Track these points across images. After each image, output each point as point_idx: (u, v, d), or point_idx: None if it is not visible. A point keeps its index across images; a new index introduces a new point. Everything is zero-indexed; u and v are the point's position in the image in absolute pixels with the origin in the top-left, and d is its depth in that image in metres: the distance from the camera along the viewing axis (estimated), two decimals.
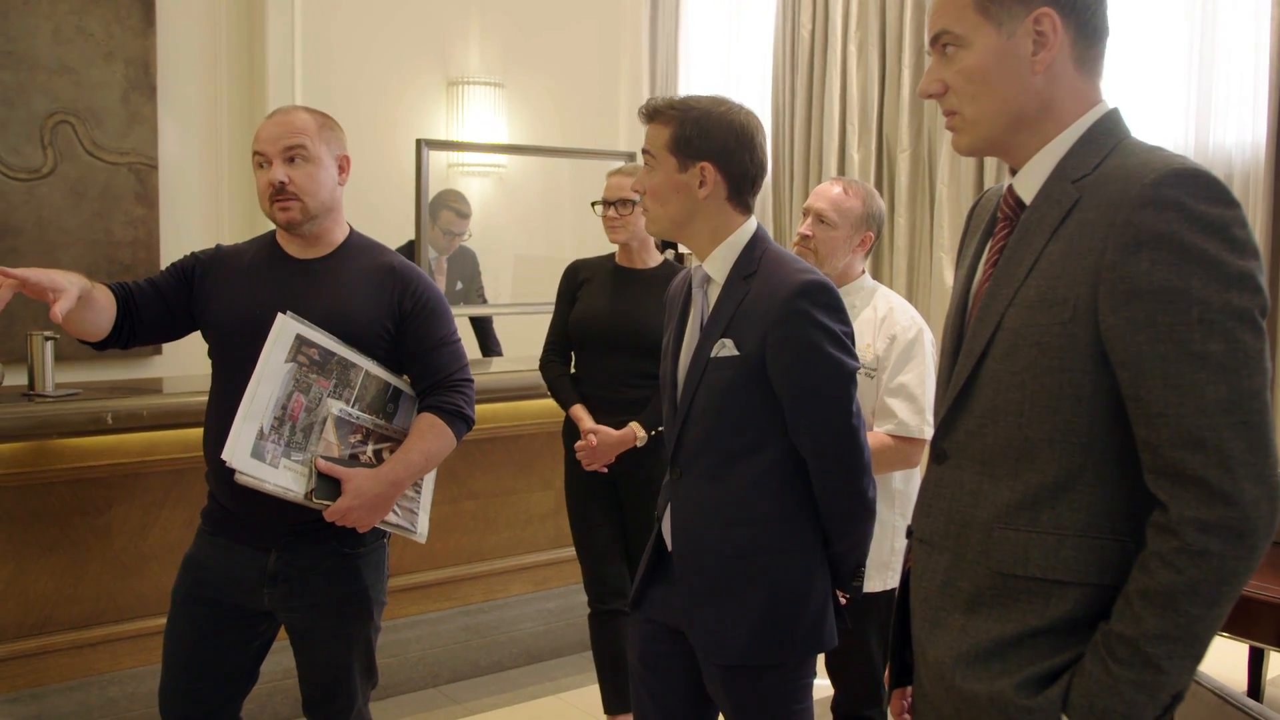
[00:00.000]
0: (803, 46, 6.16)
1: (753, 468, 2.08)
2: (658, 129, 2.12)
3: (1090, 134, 1.46)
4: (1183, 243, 1.30)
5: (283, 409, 2.24)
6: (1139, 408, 1.34)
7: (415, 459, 2.38)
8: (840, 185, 2.83)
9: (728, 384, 2.07)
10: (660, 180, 2.11)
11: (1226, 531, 1.28)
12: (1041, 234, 1.43)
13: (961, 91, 1.48)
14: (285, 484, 2.23)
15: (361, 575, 2.43)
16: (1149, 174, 1.33)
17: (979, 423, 1.48)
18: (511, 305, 5.37)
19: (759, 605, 2.07)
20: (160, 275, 2.45)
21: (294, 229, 2.38)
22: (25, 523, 3.21)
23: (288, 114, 2.40)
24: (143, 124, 4.94)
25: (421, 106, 5.75)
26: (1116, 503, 1.39)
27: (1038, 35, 1.44)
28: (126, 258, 4.91)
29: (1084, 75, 1.47)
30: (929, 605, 1.53)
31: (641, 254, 3.42)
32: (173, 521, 3.41)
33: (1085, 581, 1.39)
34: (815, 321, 2.02)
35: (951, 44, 1.48)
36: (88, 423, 3.20)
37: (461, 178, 5.75)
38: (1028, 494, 1.42)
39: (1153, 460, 1.33)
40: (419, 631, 3.95)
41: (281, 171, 2.32)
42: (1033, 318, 1.41)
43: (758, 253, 2.12)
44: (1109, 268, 1.34)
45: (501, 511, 4.16)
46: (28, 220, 4.69)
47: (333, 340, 2.32)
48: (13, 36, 4.62)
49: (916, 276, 5.38)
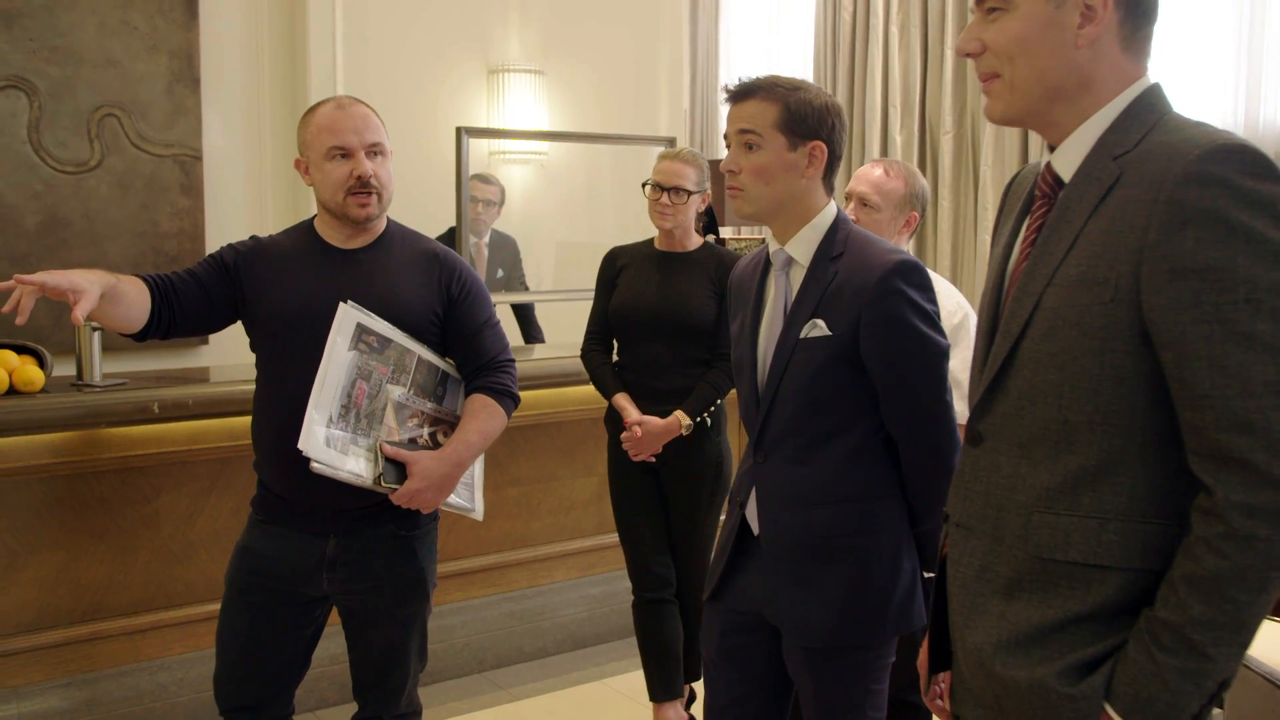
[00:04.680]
0: (844, 29, 6.11)
1: (840, 449, 2.09)
2: (761, 106, 2.07)
3: (1131, 109, 1.42)
4: (1229, 220, 1.26)
5: (348, 397, 2.29)
6: (1183, 389, 1.30)
7: (474, 438, 2.44)
8: (881, 167, 2.80)
9: (819, 365, 2.07)
10: (768, 159, 2.07)
11: (1274, 516, 1.25)
12: (1081, 212, 1.40)
13: (1000, 53, 1.45)
14: (357, 470, 2.28)
15: (418, 556, 2.48)
16: (1193, 150, 1.30)
17: (1016, 405, 1.45)
18: (554, 292, 5.37)
19: (847, 586, 2.07)
20: (199, 266, 2.47)
21: (369, 222, 2.42)
22: (75, 510, 3.26)
23: (358, 107, 2.42)
24: (187, 116, 4.99)
25: (462, 95, 5.76)
26: (1159, 486, 1.36)
27: (1086, 8, 1.40)
28: (172, 249, 4.96)
29: (1129, 55, 1.44)
30: (967, 591, 1.50)
31: (683, 239, 3.38)
32: (219, 509, 3.45)
33: (1128, 566, 1.36)
34: (910, 300, 2.04)
35: (997, 5, 1.44)
36: (134, 412, 3.24)
37: (503, 165, 5.76)
38: (1068, 477, 1.39)
39: (1197, 443, 1.30)
40: (464, 617, 3.97)
41: (368, 165, 2.36)
42: (1072, 298, 1.38)
43: (842, 234, 2.12)
44: (1152, 246, 1.30)
45: (545, 498, 4.17)
46: (76, 213, 4.75)
47: (389, 327, 2.37)
48: (60, 31, 4.67)
49: (961, 258, 5.32)
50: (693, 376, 3.28)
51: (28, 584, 3.20)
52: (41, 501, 3.21)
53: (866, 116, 5.93)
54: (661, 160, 3.35)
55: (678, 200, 3.29)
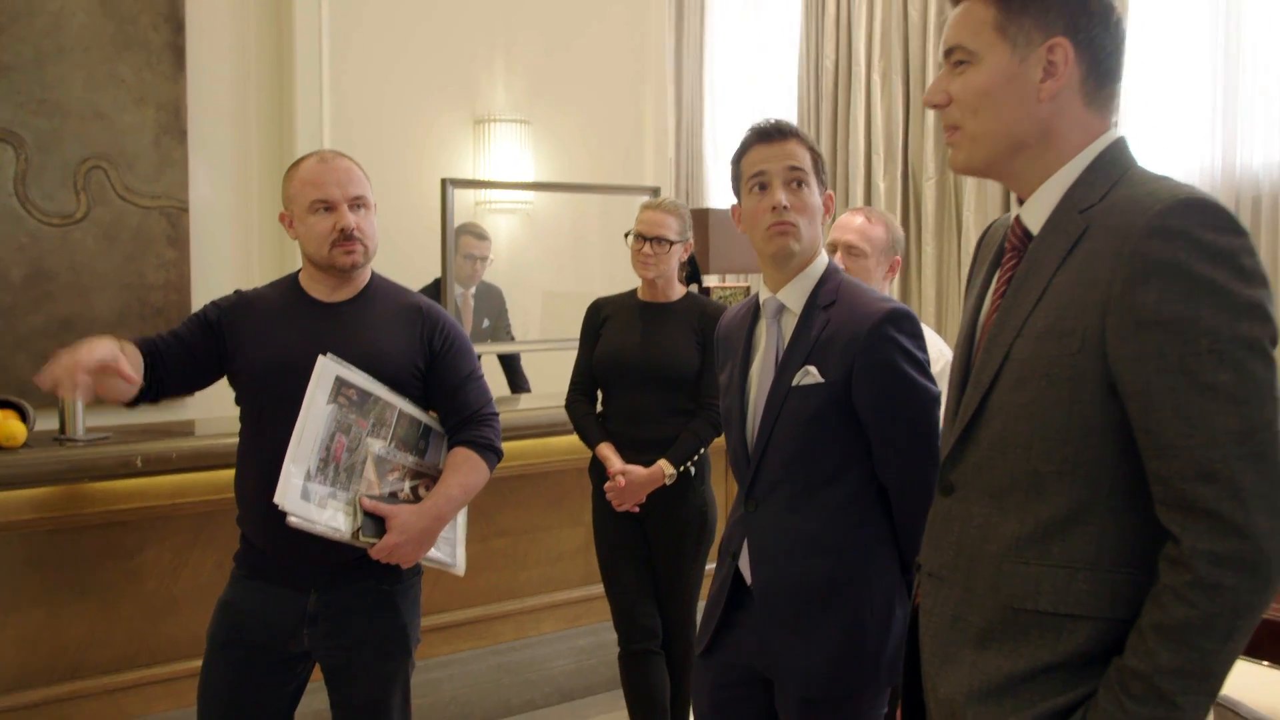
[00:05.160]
0: (827, 77, 6.17)
1: (832, 496, 2.10)
2: (798, 148, 2.19)
3: (1097, 164, 1.45)
4: (1191, 272, 1.29)
5: (326, 450, 2.28)
6: (1149, 439, 1.32)
7: (455, 492, 2.44)
8: (862, 215, 2.85)
9: (812, 412, 2.09)
10: (813, 198, 2.20)
11: (1240, 564, 1.26)
12: (1049, 264, 1.42)
13: (965, 106, 1.49)
14: (334, 524, 2.28)
15: (400, 611, 2.47)
16: (1156, 203, 1.33)
17: (987, 455, 1.46)
18: (540, 342, 5.38)
19: (841, 635, 2.07)
20: (183, 326, 2.49)
21: (352, 272, 2.44)
22: (56, 567, 3.23)
23: (342, 160, 2.46)
24: (174, 167, 5.00)
25: (448, 145, 5.79)
26: (1129, 535, 1.37)
27: (1049, 64, 1.44)
28: (158, 300, 4.96)
29: (1092, 111, 1.47)
30: (939, 640, 1.51)
31: (665, 289, 3.40)
32: (203, 563, 3.42)
33: (1098, 615, 1.37)
34: (902, 348, 2.07)
35: (963, 59, 1.49)
36: (117, 466, 3.22)
37: (489, 215, 5.78)
38: (1038, 527, 1.41)
39: (1164, 492, 1.32)
40: (451, 671, 3.94)
41: (351, 218, 2.38)
42: (1041, 349, 1.40)
43: (833, 283, 2.16)
44: (1117, 298, 1.33)
45: (531, 549, 4.15)
46: (61, 265, 4.75)
47: (369, 380, 2.37)
48: (47, 84, 4.69)
49: (945, 304, 5.35)
50: (677, 426, 3.29)
51: (7, 642, 3.17)
52: (22, 558, 3.18)
53: (850, 164, 5.97)
54: (644, 211, 3.37)
55: (660, 250, 3.30)
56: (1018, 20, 1.45)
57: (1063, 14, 1.44)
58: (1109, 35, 1.45)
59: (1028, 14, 1.44)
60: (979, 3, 1.48)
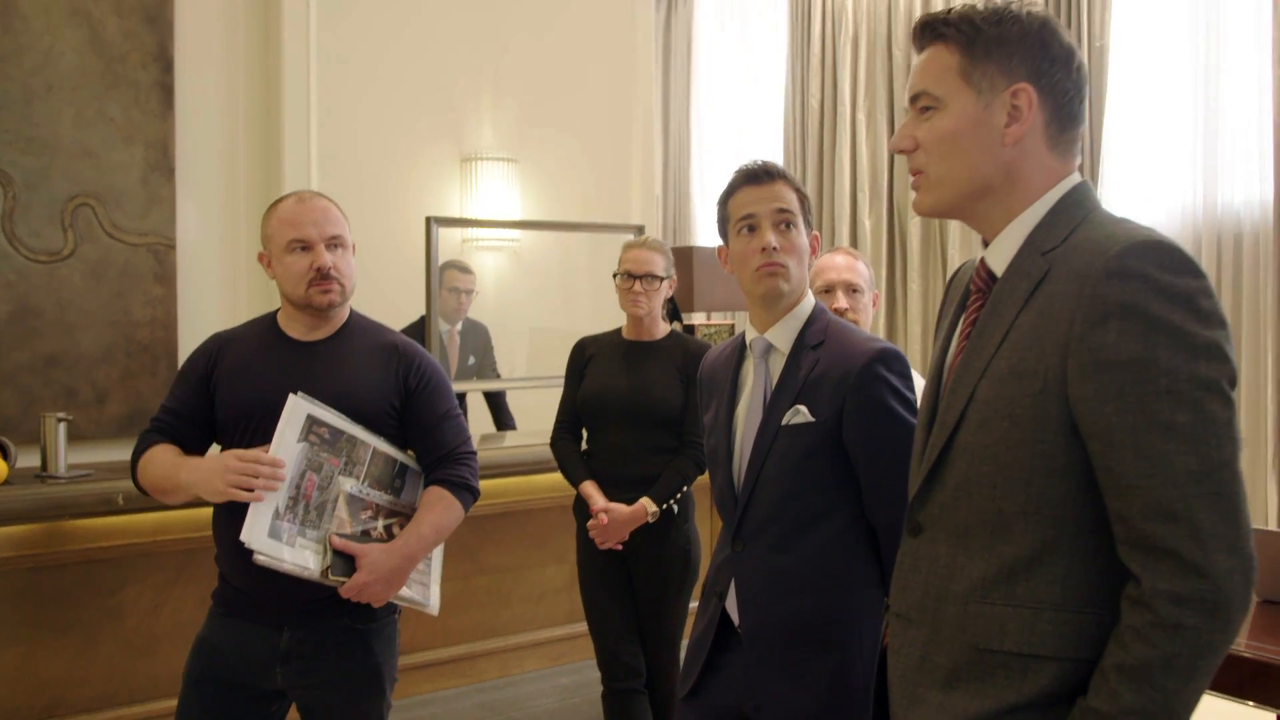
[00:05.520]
0: (813, 116, 6.22)
1: (821, 535, 2.09)
2: (784, 189, 2.24)
3: (1059, 206, 1.47)
4: (1149, 314, 1.30)
5: (296, 488, 2.28)
6: (1110, 479, 1.33)
7: (426, 531, 2.41)
8: (843, 254, 2.90)
9: (801, 451, 2.09)
10: (801, 239, 2.25)
11: (1200, 604, 1.27)
12: (1012, 306, 1.44)
13: (931, 151, 1.51)
14: (302, 562, 2.26)
15: (374, 650, 2.44)
16: (1114, 245, 1.34)
17: (953, 495, 1.47)
18: (526, 379, 5.38)
19: (830, 676, 2.06)
20: (182, 394, 2.48)
21: (329, 310, 2.44)
22: (37, 604, 3.22)
23: (319, 200, 2.46)
24: (161, 205, 5.02)
25: (435, 183, 5.82)
26: (1092, 576, 1.37)
27: (1013, 109, 1.46)
28: (145, 337, 4.96)
29: (1055, 155, 1.49)
30: (906, 681, 1.51)
31: (650, 327, 3.42)
32: (184, 601, 3.41)
33: (1063, 656, 1.37)
34: (892, 387, 2.08)
35: (929, 104, 1.51)
36: (98, 503, 3.22)
37: (475, 252, 5.80)
38: (1003, 567, 1.41)
39: (1125, 532, 1.33)
40: (433, 709, 3.92)
41: (328, 257, 2.39)
42: (1004, 390, 1.41)
43: (820, 324, 2.18)
44: (1077, 339, 1.34)
45: (516, 587, 4.14)
46: (48, 301, 4.76)
47: (342, 419, 2.37)
48: (36, 122, 4.71)
49: (930, 341, 5.37)
50: (660, 464, 3.29)
51: None
52: (2, 595, 3.17)
53: (836, 202, 6.02)
54: (629, 249, 3.39)
55: (650, 287, 3.33)
56: (981, 66, 1.47)
57: (1026, 60, 1.46)
58: (1071, 80, 1.47)
59: (991, 60, 1.46)
60: (944, 49, 1.50)
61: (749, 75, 7.21)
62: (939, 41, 1.51)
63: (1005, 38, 1.46)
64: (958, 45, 1.48)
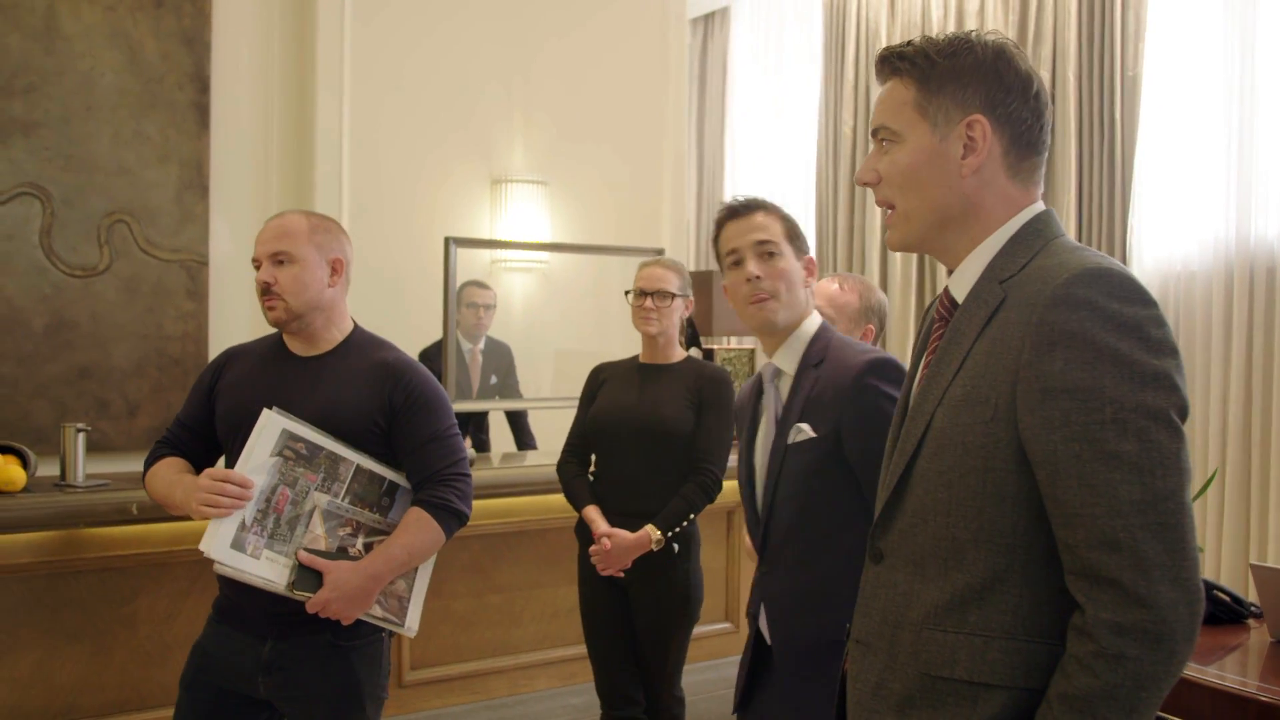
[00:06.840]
0: (845, 142, 6.23)
1: (839, 549, 2.12)
2: (768, 219, 2.29)
3: (1020, 235, 1.47)
4: (1095, 341, 1.30)
5: (267, 501, 2.31)
6: (1056, 507, 1.33)
7: (396, 553, 2.40)
8: (837, 281, 2.88)
9: (807, 468, 2.14)
10: (790, 265, 2.27)
11: (1143, 635, 1.26)
12: (970, 334, 1.44)
13: (892, 184, 1.52)
14: (266, 575, 2.29)
15: (354, 668, 2.43)
16: (1064, 273, 1.34)
17: (910, 522, 1.47)
18: (547, 400, 5.40)
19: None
20: (190, 407, 2.59)
21: (281, 326, 2.48)
22: (52, 611, 3.28)
23: (281, 218, 2.51)
24: (195, 222, 5.12)
25: (465, 204, 5.88)
26: (1043, 605, 1.37)
27: (969, 140, 1.46)
28: (176, 351, 5.05)
29: (1016, 183, 1.49)
30: (862, 708, 1.51)
31: (666, 349, 3.39)
32: (197, 611, 3.45)
33: (1012, 685, 1.37)
34: (885, 394, 2.11)
35: (888, 138, 1.52)
36: (114, 513, 3.28)
37: (504, 274, 5.85)
38: (955, 595, 1.41)
39: (1071, 561, 1.32)
40: None
41: (268, 273, 2.43)
42: (958, 417, 1.42)
43: (822, 343, 2.22)
44: (1026, 366, 1.34)
45: (528, 605, 4.16)
46: (83, 315, 4.86)
47: (319, 434, 2.38)
48: (74, 140, 4.83)
49: None
50: (666, 490, 3.24)
51: (1, 684, 3.21)
52: (19, 601, 3.24)
53: (867, 229, 6.01)
54: (643, 268, 3.39)
55: (662, 304, 3.30)
56: (936, 99, 1.47)
57: (979, 91, 1.46)
58: (1028, 108, 1.47)
59: (945, 93, 1.47)
60: (900, 83, 1.51)
61: (783, 102, 7.23)
62: (895, 76, 1.52)
63: (959, 69, 1.47)
64: (913, 79, 1.50)
